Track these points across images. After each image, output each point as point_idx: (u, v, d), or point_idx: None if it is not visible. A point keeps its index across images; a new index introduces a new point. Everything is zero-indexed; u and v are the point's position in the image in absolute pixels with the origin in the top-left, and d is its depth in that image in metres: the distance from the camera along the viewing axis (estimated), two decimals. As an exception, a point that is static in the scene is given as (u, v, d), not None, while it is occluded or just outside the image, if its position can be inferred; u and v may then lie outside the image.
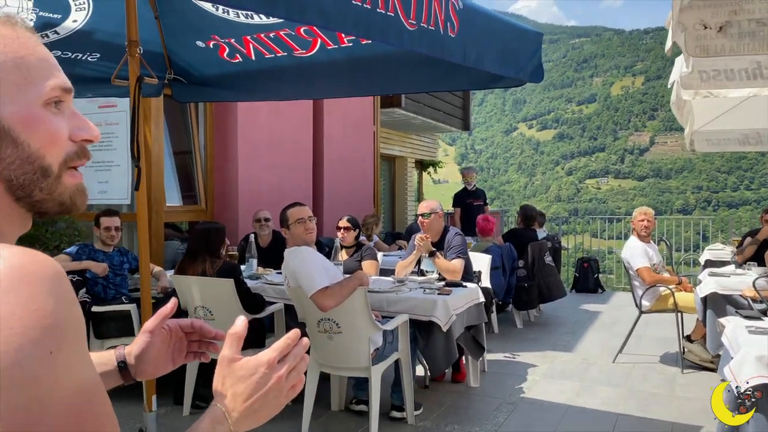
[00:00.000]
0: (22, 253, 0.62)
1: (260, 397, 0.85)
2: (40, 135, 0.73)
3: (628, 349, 5.33)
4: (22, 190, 0.73)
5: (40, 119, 0.73)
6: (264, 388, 0.85)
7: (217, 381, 0.86)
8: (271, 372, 0.86)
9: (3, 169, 0.71)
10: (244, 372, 0.85)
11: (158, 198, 5.51)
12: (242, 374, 0.85)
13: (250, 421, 0.85)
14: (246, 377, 0.85)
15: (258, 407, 0.85)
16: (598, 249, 11.59)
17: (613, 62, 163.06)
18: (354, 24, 2.13)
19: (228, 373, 0.85)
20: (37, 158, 0.73)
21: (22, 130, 0.72)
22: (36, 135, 0.73)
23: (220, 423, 0.81)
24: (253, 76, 3.61)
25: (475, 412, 4.08)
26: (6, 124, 0.71)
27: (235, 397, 0.84)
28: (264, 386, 0.85)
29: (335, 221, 5.09)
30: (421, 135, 13.23)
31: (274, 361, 0.87)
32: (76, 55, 3.31)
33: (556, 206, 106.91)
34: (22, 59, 0.72)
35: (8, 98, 0.71)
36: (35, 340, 0.58)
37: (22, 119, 0.72)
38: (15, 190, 0.72)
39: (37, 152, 0.73)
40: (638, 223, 5.35)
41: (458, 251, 4.53)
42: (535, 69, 3.04)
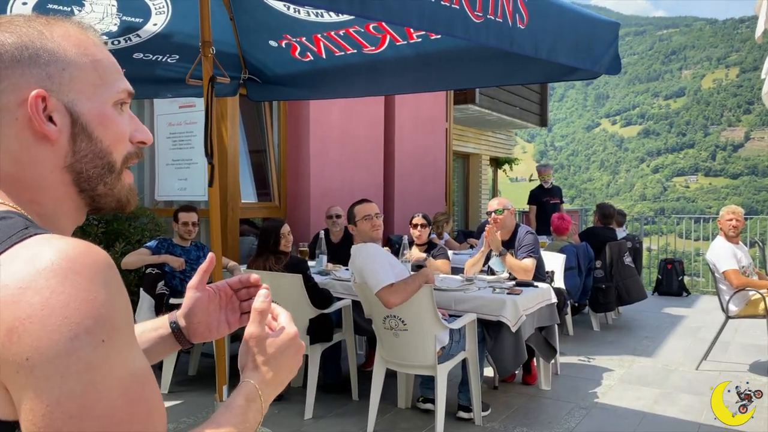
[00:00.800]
0: (76, 244, 0.64)
1: (288, 369, 0.89)
2: (110, 133, 0.79)
3: (714, 356, 5.03)
4: (88, 183, 0.78)
5: (111, 118, 0.80)
6: (292, 361, 0.90)
7: (246, 357, 0.88)
8: (297, 346, 0.90)
9: (76, 162, 0.77)
10: (275, 349, 0.88)
11: (234, 195, 5.68)
12: (273, 351, 0.87)
13: (276, 391, 0.89)
14: (278, 354, 0.88)
15: (285, 379, 0.89)
16: (684, 250, 11.01)
17: (705, 53, 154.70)
18: (419, 18, 2.11)
19: (258, 350, 0.87)
20: (106, 154, 0.79)
21: (96, 126, 0.78)
22: (107, 132, 0.79)
23: (254, 400, 0.83)
24: (324, 74, 3.65)
25: (546, 415, 3.96)
26: (84, 120, 0.77)
27: (267, 373, 0.86)
28: (292, 360, 0.90)
29: (406, 219, 5.08)
30: (497, 132, 13.01)
31: (297, 334, 0.91)
32: (156, 57, 3.46)
33: (641, 205, 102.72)
34: (98, 62, 0.79)
35: (86, 96, 0.77)
36: (89, 329, 0.60)
37: (97, 117, 0.78)
38: (81, 183, 0.78)
39: (107, 149, 0.79)
40: (726, 222, 5.04)
41: (529, 250, 4.41)
42: (612, 60, 2.91)
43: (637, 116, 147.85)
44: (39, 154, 0.75)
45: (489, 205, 4.67)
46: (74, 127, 0.76)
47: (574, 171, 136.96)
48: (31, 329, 0.58)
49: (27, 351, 0.58)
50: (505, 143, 13.65)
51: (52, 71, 0.75)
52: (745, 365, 5.04)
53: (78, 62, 0.77)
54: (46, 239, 0.64)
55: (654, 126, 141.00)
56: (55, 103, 0.75)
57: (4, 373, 0.59)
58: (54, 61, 0.76)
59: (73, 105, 0.76)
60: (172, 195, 5.85)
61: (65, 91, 0.76)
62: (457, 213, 11.69)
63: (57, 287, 0.60)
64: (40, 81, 0.74)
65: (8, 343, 0.58)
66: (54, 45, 0.76)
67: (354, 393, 4.17)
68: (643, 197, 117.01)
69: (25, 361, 0.58)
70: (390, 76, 3.66)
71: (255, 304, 0.89)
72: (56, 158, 0.76)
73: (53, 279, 0.60)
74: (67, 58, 0.76)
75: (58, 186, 0.77)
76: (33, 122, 0.74)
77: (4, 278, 0.60)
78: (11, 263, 0.61)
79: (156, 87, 3.80)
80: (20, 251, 0.63)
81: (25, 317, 0.59)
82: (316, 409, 3.87)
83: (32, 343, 0.58)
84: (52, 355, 0.58)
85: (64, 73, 0.76)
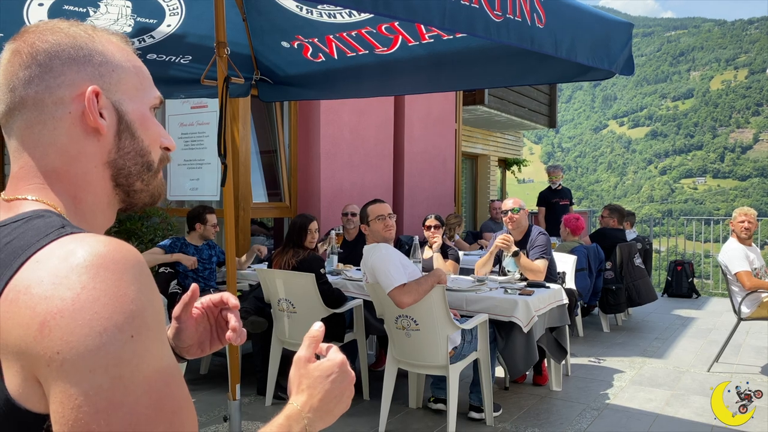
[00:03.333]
0: (108, 242, 0.66)
1: (335, 397, 0.87)
2: (149, 134, 0.85)
3: (725, 358, 5.00)
4: (126, 179, 0.82)
5: (150, 120, 0.85)
6: (338, 388, 0.88)
7: (293, 381, 0.88)
8: (344, 373, 0.89)
9: (119, 158, 0.81)
10: (320, 373, 0.87)
11: (245, 195, 5.70)
12: (318, 375, 0.87)
13: (324, 421, 0.87)
14: (322, 378, 0.87)
15: (332, 407, 0.87)
16: (694, 252, 10.94)
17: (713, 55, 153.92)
18: (440, 17, 2.12)
19: (304, 373, 0.87)
20: (146, 153, 0.84)
21: (139, 126, 0.83)
22: (147, 133, 0.84)
23: (297, 422, 0.83)
24: (336, 75, 3.66)
25: (557, 416, 3.96)
26: (129, 119, 0.82)
27: (312, 398, 0.85)
28: (339, 387, 0.88)
29: (415, 219, 5.07)
30: (505, 133, 12.99)
31: (346, 362, 0.90)
32: (169, 58, 3.47)
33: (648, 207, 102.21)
34: (139, 68, 0.86)
35: (129, 97, 0.83)
36: (118, 324, 0.61)
37: (139, 117, 0.83)
38: (120, 178, 0.82)
39: (147, 148, 0.84)
40: (738, 224, 5.01)
41: (542, 251, 4.41)
42: (627, 61, 2.91)
43: (644, 118, 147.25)
44: (86, 148, 0.79)
45: (504, 204, 4.67)
46: (120, 124, 0.81)
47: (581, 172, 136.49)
48: (62, 323, 0.60)
49: (58, 344, 0.60)
50: (514, 144, 13.62)
51: (104, 71, 0.81)
52: (757, 367, 5.01)
53: (124, 66, 0.83)
54: (80, 238, 0.66)
55: (662, 128, 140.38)
56: (105, 100, 0.80)
57: (37, 365, 0.61)
58: (106, 62, 0.81)
59: (120, 104, 0.81)
60: (184, 195, 5.88)
61: (114, 91, 0.81)
62: (466, 214, 11.68)
63: (88, 283, 0.61)
64: (94, 79, 0.79)
65: (40, 336, 0.60)
66: (103, 48, 0.82)
67: (365, 393, 4.18)
68: (650, 199, 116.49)
69: (56, 354, 0.60)
70: (401, 76, 3.66)
71: (309, 333, 0.90)
72: (101, 153, 0.80)
73: (85, 275, 0.62)
74: (116, 61, 0.82)
75: (99, 180, 0.81)
76: (86, 116, 0.78)
77: (40, 274, 0.63)
78: (47, 260, 0.64)
79: (169, 87, 3.81)
80: (56, 249, 0.65)
81: (56, 311, 0.60)
82: (327, 408, 3.87)
83: (63, 337, 0.60)
84: (81, 350, 0.59)
85: (114, 74, 0.81)
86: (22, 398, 0.63)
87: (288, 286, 3.97)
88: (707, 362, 5.01)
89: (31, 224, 0.70)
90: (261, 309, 4.22)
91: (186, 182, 5.79)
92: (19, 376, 0.62)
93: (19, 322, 0.61)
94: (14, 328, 0.62)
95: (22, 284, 0.63)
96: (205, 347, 1.04)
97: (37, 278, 0.62)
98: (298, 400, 0.85)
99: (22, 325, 0.61)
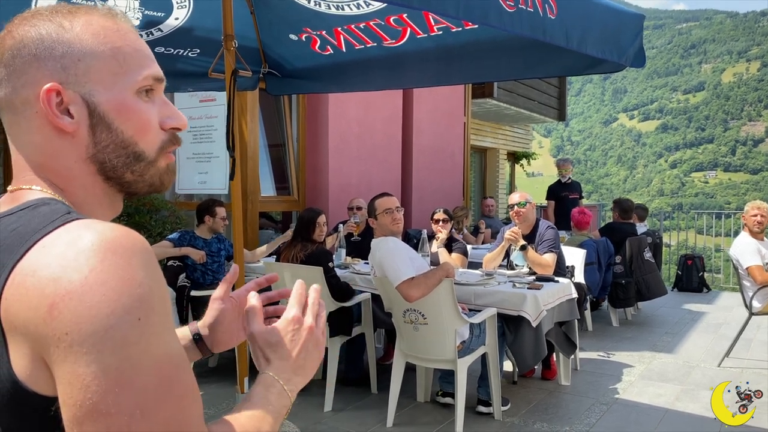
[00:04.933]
0: (115, 228, 0.66)
1: (300, 351, 0.87)
2: (132, 123, 0.78)
3: (736, 353, 4.97)
4: (113, 172, 0.79)
5: (132, 107, 0.78)
6: (300, 342, 0.88)
7: (256, 357, 0.88)
8: (300, 326, 0.88)
9: (98, 152, 0.77)
10: (276, 336, 0.87)
11: (253, 188, 5.71)
12: (276, 339, 0.87)
13: (300, 377, 0.87)
14: (281, 341, 0.87)
15: (302, 362, 0.87)
16: (704, 246, 10.86)
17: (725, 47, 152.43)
18: (455, 7, 2.11)
19: (262, 344, 0.87)
20: (130, 144, 0.78)
21: (116, 117, 0.77)
22: (129, 123, 0.78)
23: (272, 384, 0.83)
24: (344, 67, 3.64)
25: (566, 411, 3.94)
26: (101, 110, 0.76)
27: (280, 361, 0.86)
28: (300, 341, 0.88)
29: (423, 213, 5.06)
30: (514, 126, 12.93)
31: (299, 315, 0.89)
32: (177, 51, 3.47)
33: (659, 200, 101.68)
34: (118, 49, 0.78)
35: (103, 86, 0.76)
36: (126, 306, 0.62)
37: (116, 107, 0.77)
38: (106, 172, 0.79)
39: (130, 139, 0.78)
40: (750, 218, 4.96)
41: (550, 245, 4.39)
42: (637, 53, 2.88)
43: (655, 111, 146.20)
44: (61, 146, 0.76)
45: (510, 198, 4.64)
46: (92, 118, 0.76)
47: (591, 166, 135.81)
48: (70, 305, 0.60)
49: (66, 326, 0.60)
50: (523, 138, 13.55)
51: (67, 63, 0.75)
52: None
53: (95, 52, 0.76)
54: (87, 223, 0.67)
55: (672, 121, 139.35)
56: (71, 95, 0.75)
57: (46, 347, 0.61)
58: (69, 52, 0.75)
59: (90, 96, 0.76)
60: (193, 188, 5.89)
61: (82, 82, 0.75)
62: (475, 208, 11.64)
63: (96, 266, 0.62)
64: (55, 74, 0.75)
65: (49, 318, 0.61)
66: (71, 36, 0.76)
67: (373, 386, 4.18)
68: (660, 192, 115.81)
69: (65, 335, 0.60)
70: (410, 69, 3.64)
71: (247, 307, 0.91)
72: (78, 149, 0.77)
73: (93, 258, 0.62)
74: (84, 48, 0.76)
75: (84, 175, 0.78)
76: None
77: (48, 258, 0.63)
78: (54, 245, 0.64)
79: (177, 81, 3.81)
80: (63, 234, 0.65)
81: (65, 293, 0.61)
82: (335, 401, 3.88)
83: (71, 319, 0.60)
84: (90, 331, 0.60)
85: (80, 64, 0.75)
86: (30, 381, 0.64)
87: (296, 280, 3.96)
88: (718, 357, 4.98)
89: (37, 211, 0.70)
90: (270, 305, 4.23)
91: (195, 176, 5.80)
92: (27, 358, 0.63)
93: (27, 304, 0.62)
94: (22, 310, 0.62)
95: (29, 268, 0.63)
96: (234, 338, 1.05)
97: (44, 262, 0.63)
98: (269, 369, 0.85)
99: (31, 307, 0.62)
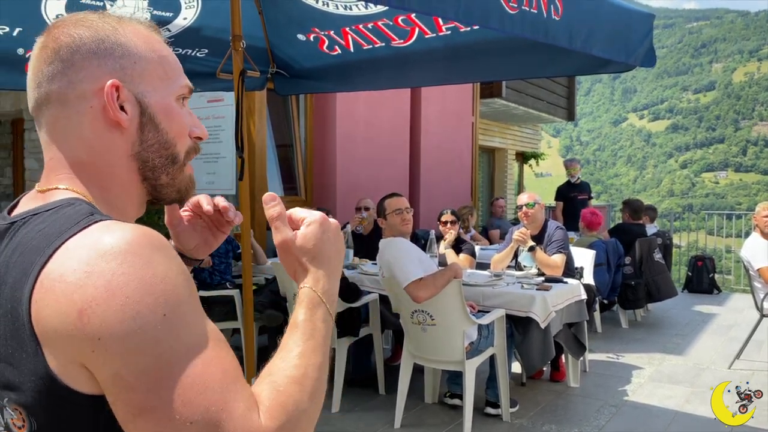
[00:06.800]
0: (132, 228, 0.69)
1: (336, 253, 0.86)
2: (175, 125, 0.84)
3: (747, 355, 4.92)
4: (152, 172, 0.82)
5: (176, 111, 0.84)
6: (333, 243, 0.86)
7: (290, 266, 0.85)
8: (329, 226, 0.86)
9: (143, 150, 0.81)
10: (314, 240, 0.84)
11: (261, 188, 5.71)
12: (314, 244, 0.83)
13: (335, 280, 0.85)
14: (318, 245, 0.84)
15: (336, 264, 0.86)
16: (715, 247, 10.78)
17: (736, 46, 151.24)
18: (455, 10, 2.09)
19: (298, 251, 0.83)
20: (171, 145, 0.84)
21: (163, 118, 0.83)
22: (172, 124, 0.84)
23: (317, 305, 0.81)
24: (352, 67, 3.64)
25: (574, 412, 3.92)
26: (152, 111, 0.82)
27: (319, 269, 0.83)
28: (333, 243, 0.86)
29: (431, 213, 5.05)
30: (523, 126, 12.89)
31: (324, 216, 0.87)
32: (185, 51, 3.47)
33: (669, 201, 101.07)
34: (164, 57, 0.84)
35: (153, 88, 0.82)
36: (150, 305, 0.64)
37: (163, 108, 0.83)
38: (146, 171, 0.82)
39: (172, 140, 0.84)
40: (761, 219, 4.92)
41: (559, 246, 4.36)
42: (647, 53, 2.86)
43: (665, 111, 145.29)
44: (110, 141, 0.80)
45: (519, 199, 4.62)
46: (143, 117, 0.81)
47: (600, 166, 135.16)
48: (98, 311, 0.63)
49: (98, 331, 0.63)
50: (532, 138, 13.50)
51: (125, 64, 0.80)
52: (780, 365, 4.92)
53: (147, 57, 0.82)
54: (106, 225, 0.69)
55: (683, 121, 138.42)
56: (126, 93, 0.80)
57: (82, 352, 0.64)
58: (127, 54, 0.81)
59: (142, 96, 0.81)
60: (201, 189, 5.87)
61: (136, 83, 0.81)
62: (483, 208, 11.61)
63: (117, 269, 0.64)
64: (115, 72, 0.79)
65: (80, 324, 0.63)
66: (126, 40, 0.81)
67: (381, 387, 4.17)
68: (671, 193, 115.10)
69: (98, 341, 0.63)
70: (418, 68, 3.63)
71: (268, 213, 0.84)
72: (125, 146, 0.81)
73: (113, 262, 0.65)
74: (138, 52, 0.81)
75: (125, 173, 0.82)
76: (107, 110, 0.78)
77: (73, 262, 0.66)
78: (77, 248, 0.67)
79: (184, 81, 3.82)
80: (85, 238, 0.68)
81: (91, 299, 0.63)
82: (343, 402, 3.88)
83: (101, 324, 0.63)
84: (121, 335, 0.63)
85: (136, 66, 0.81)
86: (69, 379, 0.66)
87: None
88: (728, 359, 4.94)
89: (62, 212, 0.73)
90: (277, 303, 4.22)
91: (202, 176, 5.82)
92: (63, 358, 0.66)
93: (57, 309, 0.64)
94: (53, 315, 0.64)
95: (56, 272, 0.65)
96: (210, 241, 1.04)
97: (70, 267, 0.65)
98: (309, 280, 0.82)
99: (61, 312, 0.64)
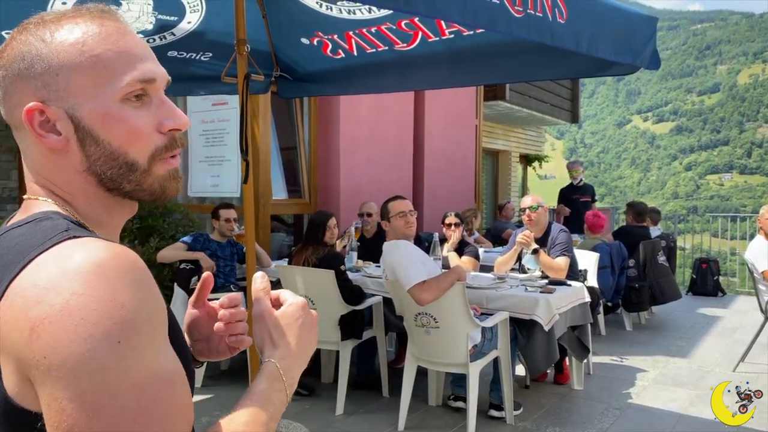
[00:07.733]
0: (107, 248, 0.65)
1: (307, 340, 0.86)
2: (118, 132, 0.75)
3: (752, 357, 4.91)
4: (111, 182, 0.77)
5: (116, 116, 0.75)
6: (308, 331, 0.87)
7: (262, 337, 0.85)
8: (308, 314, 0.88)
9: (91, 165, 0.76)
10: (288, 320, 0.85)
11: (265, 192, 5.73)
12: (286, 323, 0.85)
13: (299, 365, 0.86)
14: (292, 325, 0.85)
15: (306, 350, 0.86)
16: (719, 250, 10.75)
17: (741, 48, 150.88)
18: (461, 13, 2.11)
19: (272, 325, 0.85)
20: (119, 155, 0.76)
21: (101, 128, 0.74)
22: (115, 133, 0.75)
23: (276, 380, 0.81)
24: (355, 71, 3.66)
25: (578, 415, 3.92)
26: (86, 124, 0.74)
27: (287, 347, 0.84)
28: (308, 330, 0.87)
29: (435, 216, 5.05)
30: (527, 128, 12.88)
31: (306, 302, 0.89)
32: (190, 55, 3.49)
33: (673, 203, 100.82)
34: (98, 57, 0.74)
35: (85, 98, 0.74)
36: (105, 330, 0.61)
37: (99, 118, 0.74)
38: (105, 183, 0.77)
39: (119, 149, 0.75)
40: (766, 221, 4.91)
41: (563, 248, 4.36)
42: (651, 55, 2.88)
43: (669, 113, 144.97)
44: (56, 162, 0.76)
45: (522, 201, 4.62)
46: (78, 132, 0.74)
47: (604, 168, 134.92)
48: (49, 329, 0.60)
49: (45, 349, 0.60)
50: (535, 140, 13.49)
51: (47, 80, 0.73)
52: (785, 368, 4.91)
53: (73, 63, 0.73)
54: (81, 243, 0.66)
55: (687, 123, 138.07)
56: (55, 111, 0.73)
57: (28, 368, 0.62)
58: (48, 68, 0.73)
59: (73, 110, 0.74)
60: (205, 192, 5.93)
61: (64, 97, 0.73)
62: (487, 211, 11.61)
63: (78, 289, 0.61)
64: (38, 91, 0.73)
65: (30, 340, 0.61)
66: (48, 50, 0.73)
67: (384, 390, 4.17)
68: (675, 195, 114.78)
69: (43, 359, 0.60)
70: (421, 72, 3.65)
71: (254, 287, 0.87)
72: (72, 164, 0.76)
73: (77, 281, 0.62)
74: (61, 61, 0.73)
75: (86, 187, 0.77)
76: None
77: (36, 279, 0.63)
78: (46, 264, 0.64)
79: (190, 84, 3.84)
80: (56, 253, 0.65)
81: (45, 317, 0.61)
82: (347, 405, 3.88)
83: (49, 342, 0.60)
84: (66, 355, 0.60)
85: (59, 79, 0.73)
86: (19, 397, 0.64)
87: (308, 283, 3.97)
88: (732, 362, 4.92)
89: (39, 226, 0.70)
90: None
91: (207, 179, 5.84)
92: (16, 375, 0.64)
93: (14, 325, 0.62)
94: (11, 330, 0.63)
95: (20, 287, 0.64)
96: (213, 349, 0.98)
97: (32, 282, 0.63)
98: (275, 355, 0.83)
99: (17, 328, 0.62)
